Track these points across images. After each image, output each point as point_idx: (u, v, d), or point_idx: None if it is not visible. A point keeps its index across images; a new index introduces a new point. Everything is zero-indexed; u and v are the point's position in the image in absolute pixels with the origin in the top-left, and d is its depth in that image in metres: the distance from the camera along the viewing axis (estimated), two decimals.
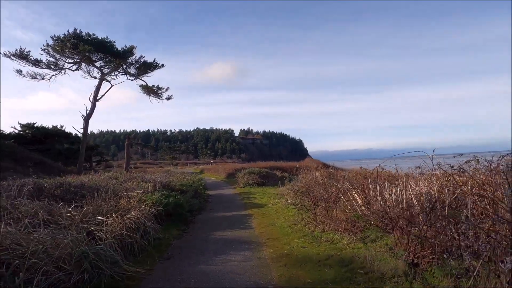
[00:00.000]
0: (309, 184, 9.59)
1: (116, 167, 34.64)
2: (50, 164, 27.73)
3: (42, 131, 39.85)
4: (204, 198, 11.98)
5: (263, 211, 8.14)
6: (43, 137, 39.26)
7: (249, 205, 9.48)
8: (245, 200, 10.97)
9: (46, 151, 40.34)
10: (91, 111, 20.91)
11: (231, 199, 11.59)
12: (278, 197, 10.58)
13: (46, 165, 29.24)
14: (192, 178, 12.35)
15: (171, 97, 20.75)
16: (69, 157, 37.20)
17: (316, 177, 12.03)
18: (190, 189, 9.56)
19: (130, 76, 19.04)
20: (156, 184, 8.27)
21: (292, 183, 13.43)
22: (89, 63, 17.59)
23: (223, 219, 7.59)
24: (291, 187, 9.32)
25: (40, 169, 25.72)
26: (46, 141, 42.51)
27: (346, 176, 11.09)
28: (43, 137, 39.47)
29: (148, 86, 19.73)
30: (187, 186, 9.20)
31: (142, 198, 6.62)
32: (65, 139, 42.97)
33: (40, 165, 28.36)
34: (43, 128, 44.69)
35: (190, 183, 9.80)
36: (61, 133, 45.30)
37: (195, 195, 11.12)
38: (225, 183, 21.00)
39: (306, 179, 12.36)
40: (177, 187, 9.10)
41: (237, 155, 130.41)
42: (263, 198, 10.95)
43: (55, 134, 44.88)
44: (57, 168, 26.47)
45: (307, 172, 12.79)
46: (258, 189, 15.02)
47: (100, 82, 20.47)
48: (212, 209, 9.32)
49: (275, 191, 12.93)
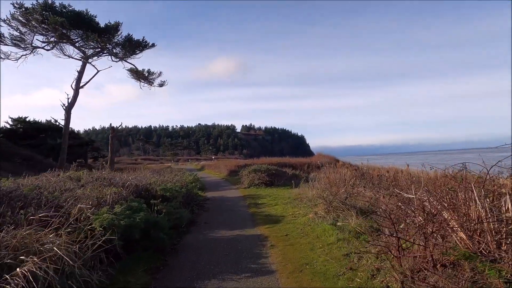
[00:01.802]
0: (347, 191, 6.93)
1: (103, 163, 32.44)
2: (39, 160, 25.55)
3: (34, 125, 37.59)
4: (199, 203, 9.36)
5: (283, 231, 5.45)
6: (35, 132, 37.09)
7: (260, 218, 6.81)
8: (252, 207, 8.32)
9: (38, 146, 38.18)
10: (74, 99, 18.28)
11: (234, 206, 8.95)
12: (298, 204, 7.92)
13: (35, 161, 26.95)
14: (184, 179, 9.71)
15: (164, 83, 18.06)
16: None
17: (344, 176, 9.35)
18: (179, 194, 6.91)
19: (115, 57, 16.36)
20: (124, 191, 5.61)
21: (311, 184, 10.77)
22: (66, 41, 14.94)
23: (223, 245, 4.93)
24: (322, 194, 6.60)
25: (28, 165, 23.48)
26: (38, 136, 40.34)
27: (388, 177, 8.40)
28: (36, 131, 37.29)
29: (138, 70, 17.04)
30: (173, 192, 6.55)
31: (89, 215, 4.00)
32: (59, 133, 40.66)
33: (28, 161, 26.12)
34: (35, 123, 42.41)
35: (178, 187, 7.14)
36: (54, 128, 43.03)
37: (188, 200, 8.50)
38: (227, 182, 18.38)
39: (330, 180, 9.69)
40: (159, 192, 6.47)
41: (239, 151, 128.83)
42: (276, 205, 8.28)
43: (48, 129, 42.61)
44: (47, 164, 24.50)
45: (329, 170, 10.10)
46: (266, 190, 12.36)
47: (83, 66, 17.80)
48: (208, 223, 6.68)
49: (289, 194, 10.25)
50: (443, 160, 19.78)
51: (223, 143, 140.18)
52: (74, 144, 35.99)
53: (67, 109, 18.20)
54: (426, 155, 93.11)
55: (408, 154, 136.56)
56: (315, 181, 11.69)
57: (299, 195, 9.72)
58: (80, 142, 40.48)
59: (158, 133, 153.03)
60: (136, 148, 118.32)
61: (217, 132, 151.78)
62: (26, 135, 36.84)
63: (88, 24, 13.70)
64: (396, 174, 8.52)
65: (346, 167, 10.05)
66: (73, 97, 18.24)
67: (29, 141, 34.95)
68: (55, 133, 41.17)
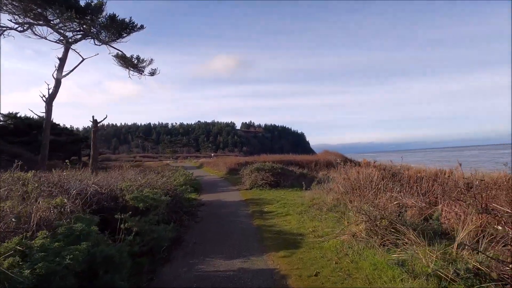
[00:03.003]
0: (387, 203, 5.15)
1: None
2: (28, 158, 24.11)
3: (26, 122, 35.89)
4: (190, 210, 7.56)
5: (309, 265, 3.54)
6: (27, 128, 35.48)
7: (269, 236, 4.99)
8: (257, 217, 6.49)
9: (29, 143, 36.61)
10: (55, 90, 16.39)
11: (234, 215, 7.13)
12: (318, 215, 6.11)
13: (23, 158, 25.44)
14: (173, 180, 7.87)
15: (156, 72, 16.12)
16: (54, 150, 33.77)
17: (370, 177, 7.54)
18: (160, 203, 5.10)
19: (98, 41, 14.42)
20: (70, 204, 3.78)
21: (326, 186, 8.98)
22: (43, 22, 13.03)
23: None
24: (360, 208, 4.65)
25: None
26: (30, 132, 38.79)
27: (443, 179, 6.57)
28: (27, 128, 35.70)
29: (125, 56, 15.13)
30: (149, 201, 4.73)
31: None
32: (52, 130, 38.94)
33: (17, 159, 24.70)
34: (27, 119, 40.64)
35: (159, 194, 5.29)
36: None
37: (175, 208, 6.70)
38: (226, 181, 16.59)
39: (351, 181, 7.89)
40: (130, 202, 4.65)
41: (238, 148, 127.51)
42: (288, 216, 6.45)
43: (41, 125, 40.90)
44: (36, 162, 23.32)
45: (351, 170, 8.28)
46: (272, 193, 10.56)
47: (65, 53, 15.89)
48: (198, 244, 4.89)
49: (301, 199, 8.45)
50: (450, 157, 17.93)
51: (222, 141, 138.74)
52: (68, 141, 34.35)
53: (48, 101, 16.32)
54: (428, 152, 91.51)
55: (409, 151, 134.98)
56: (330, 182, 9.92)
57: (314, 200, 7.92)
58: (74, 139, 38.71)
59: (158, 131, 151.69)
60: (136, 145, 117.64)
61: (217, 129, 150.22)
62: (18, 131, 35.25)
63: (66, 1, 11.82)
64: (443, 176, 6.70)
65: (371, 166, 8.22)
66: (54, 88, 16.33)
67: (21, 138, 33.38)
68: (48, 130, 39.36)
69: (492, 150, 63.20)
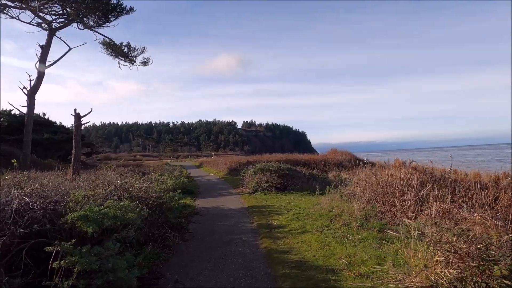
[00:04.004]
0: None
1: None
2: (19, 157, 22.91)
3: (20, 119, 34.58)
4: (179, 223, 5.99)
5: None
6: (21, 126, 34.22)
7: (286, 272, 3.33)
8: (264, 236, 4.90)
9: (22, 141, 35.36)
10: (38, 81, 14.89)
11: (234, 231, 5.54)
12: (347, 233, 4.51)
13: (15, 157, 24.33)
14: (155, 186, 6.23)
15: (148, 62, 14.52)
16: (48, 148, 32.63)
17: (408, 181, 5.93)
18: (131, 222, 3.53)
19: (82, 25, 12.84)
20: None
21: (346, 190, 7.38)
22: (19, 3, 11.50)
23: None
24: (443, 240, 3.04)
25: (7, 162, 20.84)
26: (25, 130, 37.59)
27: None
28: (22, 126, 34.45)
29: (114, 44, 13.55)
30: (109, 221, 3.16)
31: None
32: (47, 128, 37.65)
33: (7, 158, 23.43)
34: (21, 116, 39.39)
35: (126, 211, 3.68)
36: (42, 122, 40.12)
37: (157, 223, 5.15)
38: (226, 183, 15.03)
39: (381, 185, 6.31)
40: (79, 225, 3.07)
41: (240, 147, 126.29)
42: (306, 233, 4.84)
43: (36, 123, 39.50)
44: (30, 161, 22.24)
45: (380, 171, 6.66)
46: (279, 198, 8.98)
47: (48, 41, 14.36)
48: (179, 282, 3.32)
49: (316, 207, 6.87)
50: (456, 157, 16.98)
51: (224, 140, 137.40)
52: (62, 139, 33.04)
53: (30, 94, 14.82)
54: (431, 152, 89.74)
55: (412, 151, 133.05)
56: (347, 185, 8.32)
57: (334, 210, 6.33)
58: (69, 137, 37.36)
59: (159, 129, 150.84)
60: (137, 144, 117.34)
61: (218, 128, 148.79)
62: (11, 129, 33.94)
63: None
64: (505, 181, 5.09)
65: (405, 167, 6.59)
66: (37, 79, 14.83)
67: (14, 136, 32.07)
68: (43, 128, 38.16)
69: (496, 150, 61.76)
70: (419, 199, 5.44)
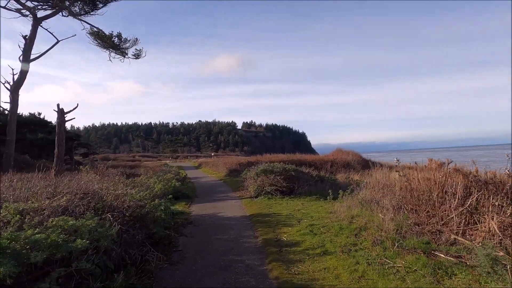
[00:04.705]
0: None
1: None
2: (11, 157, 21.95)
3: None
4: (167, 236, 4.88)
5: None
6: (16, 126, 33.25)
7: None
8: (274, 260, 3.75)
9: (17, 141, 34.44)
10: (22, 76, 13.78)
11: (234, 249, 4.42)
12: (381, 256, 3.40)
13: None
14: (135, 193, 5.03)
15: (141, 54, 13.40)
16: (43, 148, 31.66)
17: (451, 186, 4.81)
18: (76, 250, 2.44)
19: (69, 14, 11.74)
20: None
21: (366, 195, 6.27)
22: None
23: None
24: None
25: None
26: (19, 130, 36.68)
27: None
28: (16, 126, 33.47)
29: (104, 34, 12.45)
30: (39, 255, 2.07)
31: None
32: (41, 127, 36.67)
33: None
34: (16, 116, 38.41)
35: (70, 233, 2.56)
36: (37, 122, 39.22)
37: (133, 239, 4.05)
38: (225, 185, 13.92)
39: (413, 193, 5.21)
40: None
41: (239, 148, 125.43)
42: (328, 255, 3.72)
43: (31, 123, 38.62)
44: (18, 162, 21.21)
45: (414, 174, 5.51)
46: (286, 204, 7.85)
47: (33, 31, 13.27)
48: None
49: (333, 217, 5.74)
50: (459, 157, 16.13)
51: (223, 140, 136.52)
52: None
53: (13, 89, 13.72)
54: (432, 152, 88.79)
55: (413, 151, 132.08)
56: (364, 188, 7.21)
57: (355, 221, 5.21)
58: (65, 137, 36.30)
59: (159, 130, 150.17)
60: (136, 145, 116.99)
61: (218, 129, 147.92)
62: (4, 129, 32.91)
63: None
64: None
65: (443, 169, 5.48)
66: (20, 73, 13.72)
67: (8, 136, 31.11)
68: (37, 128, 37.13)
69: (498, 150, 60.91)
70: (468, 209, 4.32)
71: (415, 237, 4.11)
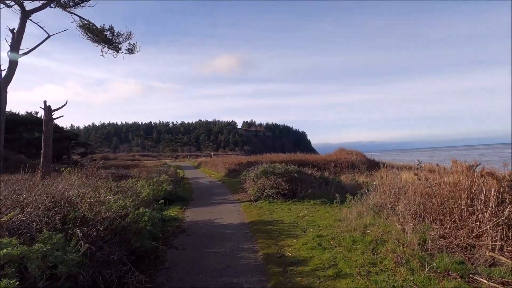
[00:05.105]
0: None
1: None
2: (7, 157, 21.43)
3: (11, 118, 33.04)
4: (154, 248, 4.25)
5: None
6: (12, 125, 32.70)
7: None
8: (278, 285, 3.16)
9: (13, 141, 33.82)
10: (11, 71, 13.09)
11: (229, 269, 3.79)
12: (409, 280, 2.76)
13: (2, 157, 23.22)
14: (110, 203, 4.38)
15: (134, 49, 12.75)
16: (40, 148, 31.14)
17: (482, 191, 4.17)
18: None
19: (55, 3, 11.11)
20: None
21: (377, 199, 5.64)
22: None
23: None
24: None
25: None
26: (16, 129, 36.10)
27: None
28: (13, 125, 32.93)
29: (95, 28, 11.80)
30: None
31: None
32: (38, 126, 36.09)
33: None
34: (12, 115, 37.87)
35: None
36: (33, 121, 38.69)
37: (107, 257, 3.39)
38: (224, 186, 13.28)
39: (436, 199, 4.57)
40: None
41: (239, 147, 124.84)
42: (344, 279, 3.09)
43: (28, 122, 38.15)
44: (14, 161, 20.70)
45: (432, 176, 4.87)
46: (288, 209, 7.20)
47: (21, 25, 12.61)
48: None
49: (342, 225, 5.10)
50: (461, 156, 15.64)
51: (223, 139, 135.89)
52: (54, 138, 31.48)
53: (2, 86, 13.03)
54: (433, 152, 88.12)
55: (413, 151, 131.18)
56: (372, 191, 6.57)
57: (367, 231, 4.57)
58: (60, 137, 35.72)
59: (158, 129, 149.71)
60: (136, 144, 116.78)
61: (218, 128, 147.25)
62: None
63: None
64: None
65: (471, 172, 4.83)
66: (9, 69, 13.04)
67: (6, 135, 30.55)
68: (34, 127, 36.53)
69: (498, 150, 60.34)
70: (505, 221, 3.68)
71: (445, 255, 3.46)
